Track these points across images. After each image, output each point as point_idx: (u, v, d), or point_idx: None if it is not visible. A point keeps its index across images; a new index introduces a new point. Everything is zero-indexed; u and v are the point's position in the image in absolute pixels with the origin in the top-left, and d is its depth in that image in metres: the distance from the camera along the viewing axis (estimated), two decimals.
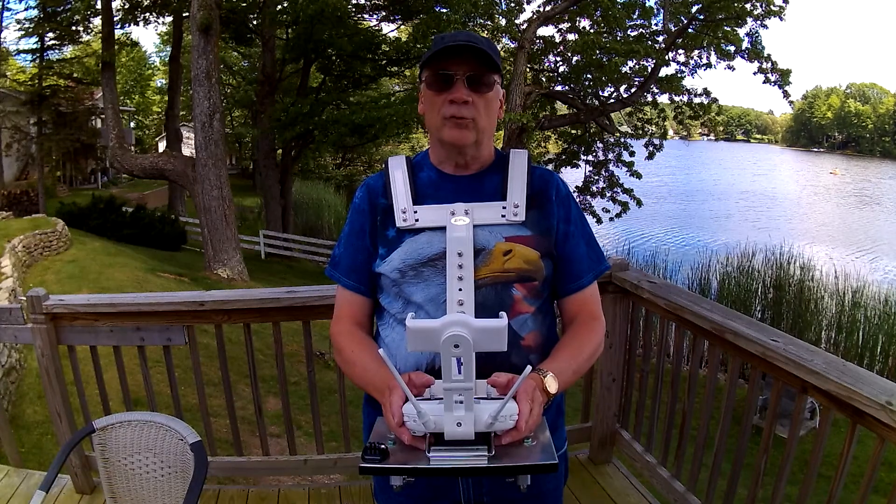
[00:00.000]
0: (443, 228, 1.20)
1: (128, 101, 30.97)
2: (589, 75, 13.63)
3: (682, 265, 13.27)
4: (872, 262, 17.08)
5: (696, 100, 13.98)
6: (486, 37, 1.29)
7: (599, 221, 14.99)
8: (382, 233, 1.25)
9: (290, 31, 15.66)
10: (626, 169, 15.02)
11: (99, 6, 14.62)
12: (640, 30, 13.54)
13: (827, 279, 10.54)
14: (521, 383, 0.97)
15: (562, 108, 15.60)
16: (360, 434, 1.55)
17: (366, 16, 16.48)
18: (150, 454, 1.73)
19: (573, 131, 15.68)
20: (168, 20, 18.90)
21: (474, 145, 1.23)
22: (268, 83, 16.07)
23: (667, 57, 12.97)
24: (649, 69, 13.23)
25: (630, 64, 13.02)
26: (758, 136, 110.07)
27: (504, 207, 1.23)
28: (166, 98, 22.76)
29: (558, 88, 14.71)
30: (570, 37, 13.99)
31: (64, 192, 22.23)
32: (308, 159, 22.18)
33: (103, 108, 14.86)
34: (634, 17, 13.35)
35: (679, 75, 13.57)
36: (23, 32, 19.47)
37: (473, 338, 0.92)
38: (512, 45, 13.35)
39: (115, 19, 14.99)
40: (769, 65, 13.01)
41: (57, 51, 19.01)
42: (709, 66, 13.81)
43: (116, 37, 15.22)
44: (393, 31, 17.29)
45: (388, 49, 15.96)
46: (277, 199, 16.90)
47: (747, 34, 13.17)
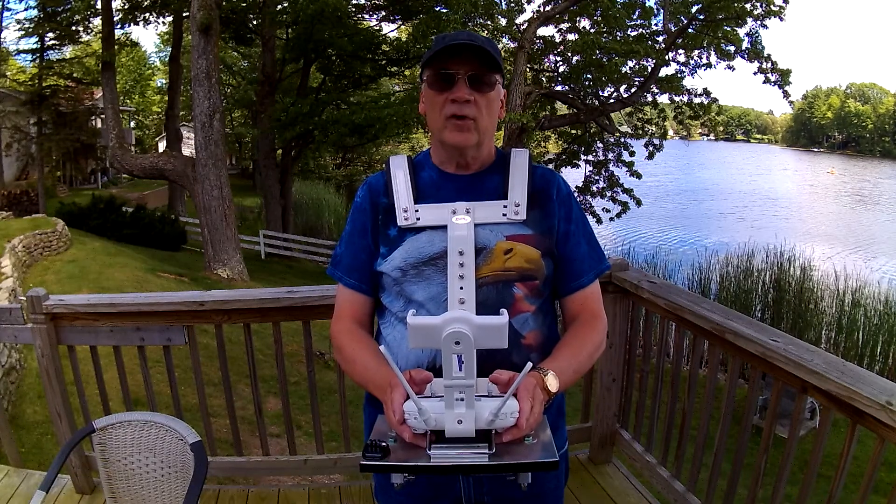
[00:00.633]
0: (444, 227, 1.21)
1: (128, 101, 30.97)
2: (589, 75, 13.64)
3: (682, 265, 13.27)
4: (868, 261, 17.08)
5: (696, 100, 14.00)
6: (487, 37, 1.29)
7: (599, 221, 15.00)
8: (384, 232, 1.25)
9: (290, 31, 15.66)
10: (626, 169, 15.03)
11: (99, 6, 14.63)
12: (640, 30, 13.55)
13: (827, 279, 10.53)
14: (521, 380, 0.97)
15: (562, 108, 15.61)
16: (360, 434, 1.55)
17: (366, 16, 16.48)
18: (150, 454, 1.73)
19: (573, 131, 15.69)
20: (168, 20, 18.89)
21: (475, 146, 1.23)
22: (268, 83, 16.07)
23: (667, 57, 12.97)
24: (649, 69, 13.24)
25: (630, 64, 13.04)
26: (758, 136, 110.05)
27: (505, 206, 1.23)
28: (166, 98, 22.76)
29: (558, 88, 14.72)
30: (570, 37, 14.01)
31: (64, 192, 22.23)
32: (308, 159, 22.18)
33: (103, 108, 14.85)
34: (634, 17, 13.36)
35: (679, 75, 13.59)
36: (23, 32, 19.47)
37: (474, 334, 0.92)
38: (512, 45, 13.36)
39: (115, 19, 14.99)
40: (769, 65, 13.02)
41: (57, 51, 19.04)
42: (709, 66, 13.83)
43: (116, 37, 15.23)
44: (393, 31, 17.32)
45: (388, 49, 15.97)
46: (277, 199, 16.90)
47: (747, 34, 13.19)
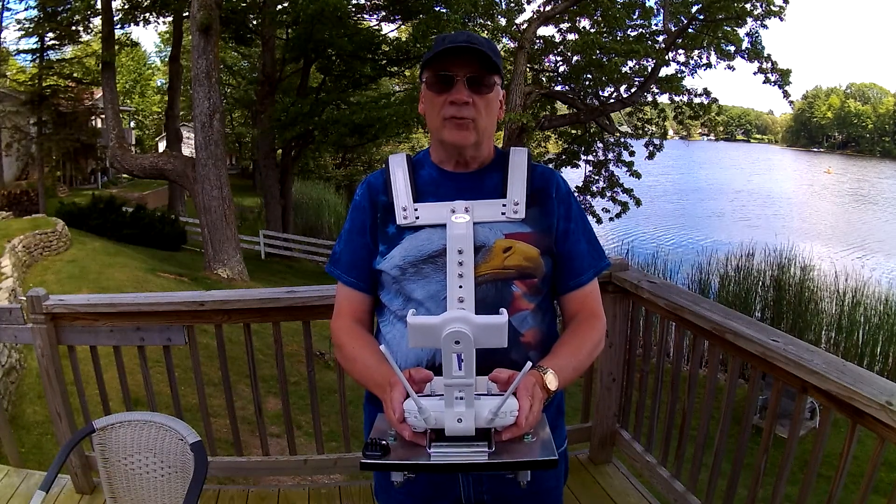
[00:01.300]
0: (443, 226, 1.21)
1: (128, 101, 30.96)
2: (589, 75, 13.64)
3: (682, 265, 13.28)
4: (863, 259, 17.10)
5: (696, 100, 14.01)
6: (486, 37, 1.29)
7: (599, 221, 15.01)
8: (383, 230, 1.26)
9: (290, 31, 15.66)
10: (625, 169, 15.04)
11: (99, 6, 14.63)
12: (640, 30, 13.56)
13: (827, 279, 10.54)
14: (521, 379, 0.97)
15: (562, 108, 15.61)
16: (360, 434, 1.54)
17: (366, 16, 16.48)
18: (150, 454, 1.73)
19: (573, 131, 15.69)
20: (168, 20, 18.89)
21: (474, 145, 1.23)
22: (268, 83, 16.06)
23: (667, 57, 12.98)
24: (649, 69, 13.24)
25: (630, 64, 13.05)
26: (758, 136, 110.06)
27: (504, 205, 1.23)
28: (166, 98, 22.76)
29: (558, 88, 14.72)
30: (570, 37, 14.02)
31: (64, 192, 22.22)
32: (308, 159, 22.18)
33: (103, 108, 14.85)
34: (634, 17, 13.37)
35: (679, 75, 13.59)
36: (23, 32, 19.44)
37: (474, 334, 0.93)
38: (512, 45, 13.36)
39: (115, 19, 14.99)
40: (769, 65, 13.03)
41: (57, 51, 19.01)
42: (709, 66, 13.85)
43: (116, 37, 15.22)
44: (393, 31, 17.32)
45: (388, 49, 15.96)
46: (277, 199, 16.90)
47: (747, 34, 13.21)
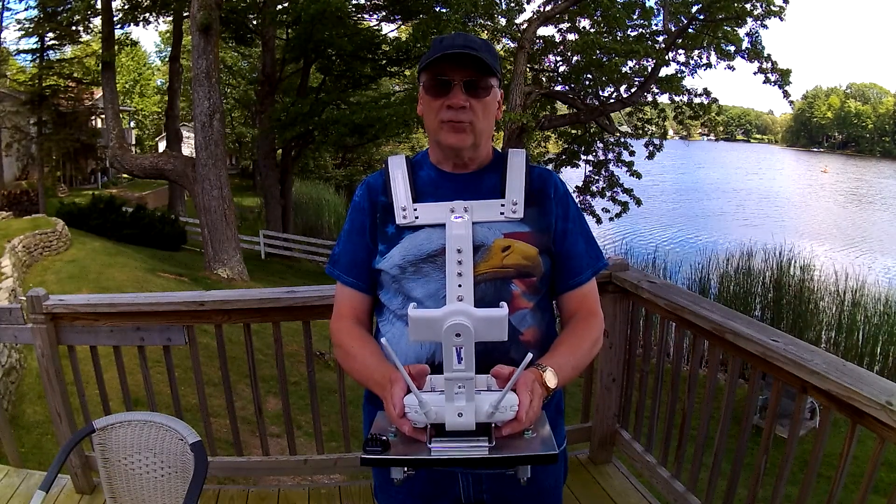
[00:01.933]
0: (442, 225, 1.22)
1: (128, 101, 30.95)
2: (589, 75, 13.63)
3: (682, 265, 13.28)
4: (859, 257, 17.12)
5: (696, 100, 13.99)
6: (486, 37, 1.30)
7: (599, 221, 15.00)
8: (382, 230, 1.27)
9: (290, 31, 15.66)
10: (625, 169, 15.03)
11: (99, 6, 14.63)
12: (640, 30, 13.54)
13: (827, 279, 10.54)
14: (520, 373, 0.98)
15: (562, 108, 15.60)
16: (360, 434, 1.54)
17: (366, 16, 16.49)
18: (150, 454, 1.73)
19: (573, 131, 15.67)
20: (168, 20, 18.89)
21: (472, 147, 1.25)
22: (268, 83, 16.07)
23: (667, 57, 12.96)
24: (649, 69, 13.23)
25: (630, 64, 13.02)
26: (758, 136, 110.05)
27: (503, 205, 1.25)
28: (166, 98, 22.76)
29: (558, 88, 14.70)
30: (570, 37, 13.99)
31: (64, 192, 22.22)
32: (308, 159, 22.18)
33: (103, 108, 14.85)
34: (634, 17, 13.34)
35: (679, 75, 13.57)
36: (23, 32, 19.44)
37: (475, 327, 0.93)
38: (512, 45, 13.36)
39: (115, 19, 15.00)
40: (769, 65, 13.01)
41: (57, 51, 19.01)
42: (709, 66, 13.82)
43: (116, 37, 15.22)
44: (393, 31, 17.31)
45: (388, 49, 15.97)
46: (277, 199, 16.90)
47: (747, 34, 13.18)
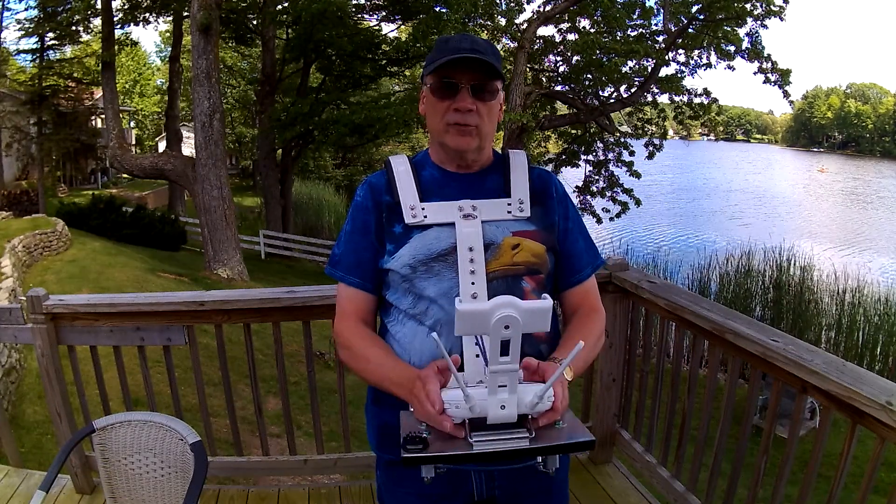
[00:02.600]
0: (450, 224, 1.23)
1: (128, 101, 30.94)
2: (589, 75, 13.62)
3: (682, 265, 13.29)
4: (852, 256, 17.15)
5: (696, 100, 13.98)
6: (486, 37, 1.31)
7: (599, 221, 15.00)
8: (389, 229, 1.27)
9: (290, 31, 15.66)
10: (625, 169, 15.03)
11: (99, 6, 14.62)
12: (640, 30, 13.53)
13: (827, 279, 10.54)
14: (568, 362, 1.00)
15: (562, 108, 15.59)
16: (360, 434, 1.54)
17: (366, 16, 16.48)
18: (150, 454, 1.73)
19: (573, 131, 15.67)
20: (168, 20, 18.89)
21: (476, 149, 1.27)
22: (268, 83, 16.07)
23: (667, 57, 12.96)
24: (649, 69, 13.22)
25: (630, 64, 13.02)
26: (758, 136, 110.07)
27: (509, 204, 1.27)
28: (166, 98, 22.76)
29: (558, 88, 14.70)
30: (570, 37, 13.99)
31: (64, 192, 22.22)
32: (308, 159, 22.18)
33: (103, 108, 14.85)
34: (634, 17, 13.34)
35: (679, 75, 13.57)
36: (23, 32, 19.45)
37: (523, 318, 0.94)
38: (512, 45, 13.34)
39: (115, 19, 14.99)
40: (769, 65, 13.01)
41: (57, 51, 19.00)
42: (709, 66, 13.82)
43: (116, 37, 15.21)
44: (393, 31, 17.30)
45: (388, 49, 15.96)
46: (277, 199, 16.90)
47: (747, 34, 13.17)
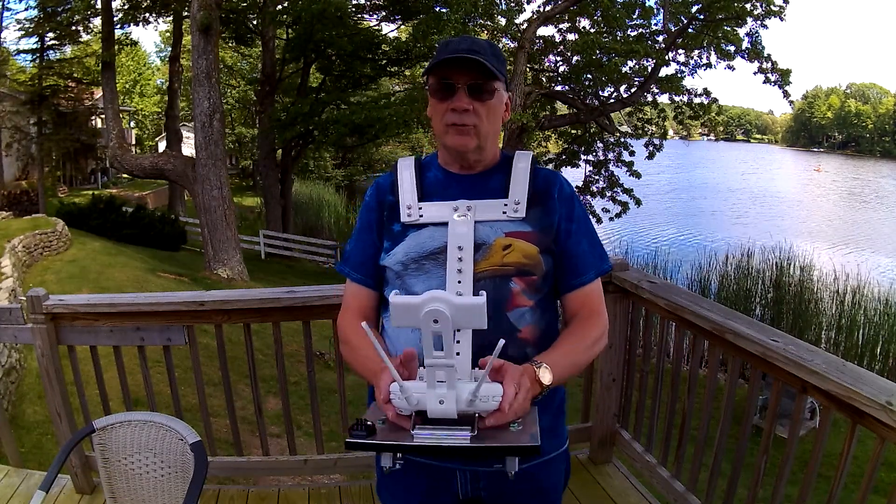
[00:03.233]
0: (445, 224, 1.25)
1: (128, 101, 30.95)
2: (589, 75, 13.62)
3: (682, 265, 13.29)
4: (847, 255, 17.16)
5: (696, 100, 13.99)
6: (486, 37, 1.32)
7: (599, 221, 14.99)
8: (388, 228, 1.30)
9: (290, 31, 15.66)
10: (625, 169, 15.03)
11: (99, 6, 14.62)
12: (640, 30, 13.53)
13: (827, 279, 10.54)
14: (493, 359, 0.99)
15: (562, 108, 15.60)
16: None
17: (366, 16, 16.49)
18: (150, 454, 1.73)
19: (573, 131, 15.67)
20: (168, 20, 18.88)
21: (476, 149, 1.27)
22: (268, 83, 16.08)
23: (667, 57, 12.96)
24: (649, 69, 13.23)
25: (630, 64, 13.02)
26: (758, 136, 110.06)
27: (506, 204, 1.27)
28: (166, 98, 22.76)
29: (558, 88, 14.70)
30: (570, 37, 13.99)
31: (64, 192, 22.22)
32: (308, 159, 22.18)
33: (103, 108, 14.85)
34: (634, 17, 13.34)
35: (679, 75, 13.57)
36: (23, 32, 19.42)
37: (452, 314, 0.94)
38: (512, 45, 13.33)
39: (115, 19, 14.99)
40: (769, 65, 13.01)
41: (57, 51, 19.00)
42: (709, 66, 13.82)
43: (116, 37, 15.21)
44: (393, 31, 17.31)
45: (388, 49, 15.97)
46: (277, 199, 16.90)
47: (747, 34, 13.17)
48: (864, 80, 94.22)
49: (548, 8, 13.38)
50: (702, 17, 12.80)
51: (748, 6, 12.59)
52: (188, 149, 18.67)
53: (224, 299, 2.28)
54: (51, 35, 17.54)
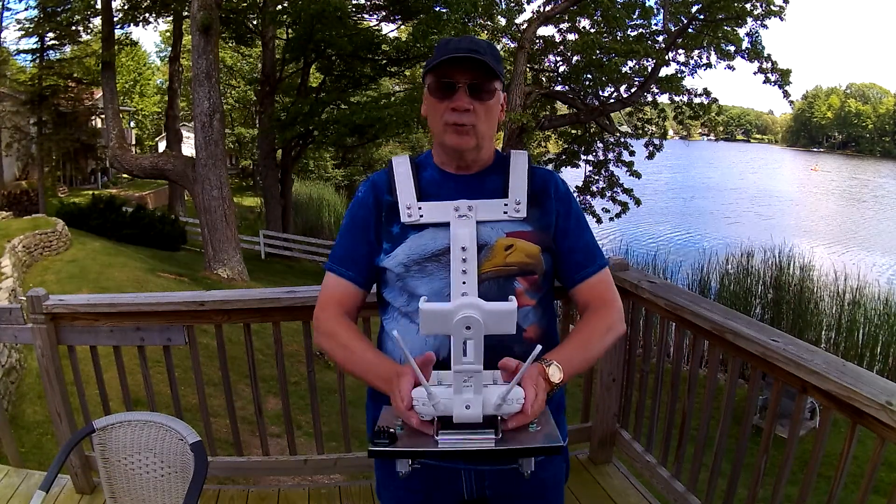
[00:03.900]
0: (446, 224, 1.24)
1: (128, 101, 30.94)
2: (589, 75, 13.64)
3: (682, 265, 13.29)
4: (842, 255, 17.18)
5: (696, 100, 14.01)
6: (486, 37, 1.31)
7: (599, 221, 15.00)
8: (387, 228, 1.28)
9: (290, 31, 15.66)
10: (625, 169, 15.04)
11: (99, 6, 14.62)
12: (640, 30, 13.56)
13: (827, 279, 10.53)
14: (528, 365, 0.99)
15: (562, 108, 15.61)
16: (360, 434, 1.55)
17: (366, 16, 16.48)
18: (150, 454, 1.73)
19: (573, 131, 15.68)
20: (168, 20, 18.88)
21: (475, 149, 1.26)
22: (268, 83, 16.07)
23: (667, 57, 12.98)
24: (649, 69, 13.24)
25: (630, 64, 13.05)
26: (758, 136, 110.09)
27: (506, 205, 1.26)
28: (166, 98, 22.76)
29: (558, 88, 14.72)
30: (570, 37, 14.02)
31: (64, 192, 22.22)
32: (308, 159, 22.18)
33: (103, 108, 14.85)
34: (634, 17, 13.35)
35: (679, 75, 13.59)
36: (23, 32, 19.44)
37: (484, 320, 0.94)
38: (512, 45, 13.35)
39: (115, 19, 14.98)
40: (769, 65, 13.03)
41: (57, 51, 18.99)
42: (709, 66, 13.84)
43: (116, 37, 15.21)
44: (393, 31, 17.30)
45: (388, 49, 15.96)
46: (277, 199, 16.90)
47: (747, 34, 13.20)
48: (864, 80, 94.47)
49: (548, 8, 13.39)
50: (702, 17, 12.81)
51: (748, 6, 12.61)
52: (188, 149, 18.67)
53: (224, 299, 2.28)
54: (51, 35, 17.55)
